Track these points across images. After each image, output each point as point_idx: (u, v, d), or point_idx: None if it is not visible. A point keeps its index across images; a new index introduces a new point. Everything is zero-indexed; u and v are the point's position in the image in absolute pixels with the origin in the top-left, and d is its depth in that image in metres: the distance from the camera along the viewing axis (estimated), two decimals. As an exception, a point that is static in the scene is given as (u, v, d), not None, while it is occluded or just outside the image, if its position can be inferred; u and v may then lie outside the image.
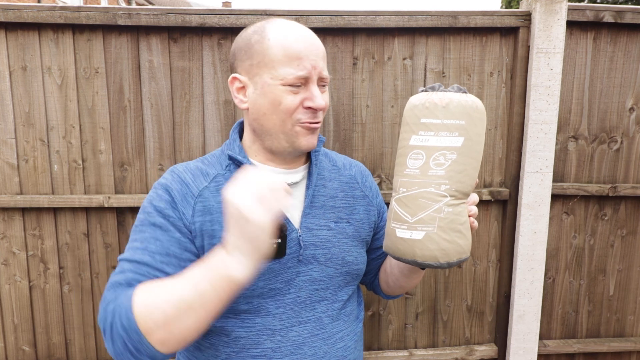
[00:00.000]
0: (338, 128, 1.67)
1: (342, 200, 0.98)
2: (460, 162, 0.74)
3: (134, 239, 0.84)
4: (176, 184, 0.87)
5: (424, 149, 0.74)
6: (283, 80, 0.83)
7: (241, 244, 0.69)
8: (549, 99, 1.63)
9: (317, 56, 0.85)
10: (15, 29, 1.54)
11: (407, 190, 0.75)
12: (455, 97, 0.73)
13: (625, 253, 1.83)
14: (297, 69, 0.82)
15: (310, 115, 0.86)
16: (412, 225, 0.75)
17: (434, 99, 0.73)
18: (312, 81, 0.84)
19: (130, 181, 1.65)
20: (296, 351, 0.88)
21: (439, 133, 0.73)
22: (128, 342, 0.70)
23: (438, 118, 0.73)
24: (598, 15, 1.63)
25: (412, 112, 0.76)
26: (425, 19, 1.59)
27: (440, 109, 0.73)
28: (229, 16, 1.55)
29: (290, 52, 0.82)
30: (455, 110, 0.72)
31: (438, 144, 0.73)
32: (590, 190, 1.74)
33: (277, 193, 0.70)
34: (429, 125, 0.73)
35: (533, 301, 1.75)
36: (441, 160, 0.73)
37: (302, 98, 0.84)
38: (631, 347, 1.86)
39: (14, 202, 1.61)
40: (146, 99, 1.61)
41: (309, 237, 0.91)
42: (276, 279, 0.88)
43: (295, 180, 0.93)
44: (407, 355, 1.80)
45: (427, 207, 0.74)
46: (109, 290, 0.78)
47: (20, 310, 1.70)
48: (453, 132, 0.72)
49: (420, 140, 0.74)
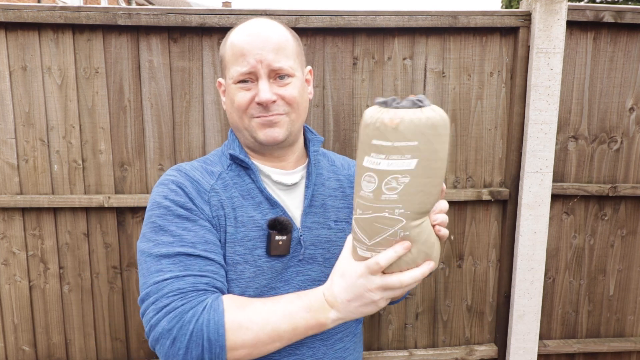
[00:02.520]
0: (338, 128, 1.67)
1: (341, 200, 0.98)
2: (414, 185, 0.69)
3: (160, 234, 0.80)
4: (186, 182, 0.86)
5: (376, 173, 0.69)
6: (233, 78, 0.86)
7: (350, 309, 0.75)
8: (549, 99, 1.63)
9: (264, 49, 0.83)
10: (15, 29, 1.54)
11: (363, 212, 0.71)
12: (406, 117, 0.67)
13: (625, 253, 1.83)
14: (241, 65, 0.84)
15: (261, 110, 0.86)
16: (370, 247, 0.73)
17: (384, 119, 0.67)
18: (259, 76, 0.85)
19: (130, 181, 1.65)
20: (295, 352, 0.87)
21: (390, 157, 0.68)
22: (207, 353, 0.72)
23: (388, 140, 0.67)
24: (598, 15, 1.63)
25: (364, 130, 0.70)
26: (425, 19, 1.59)
27: (390, 130, 0.67)
28: (229, 16, 1.55)
29: (235, 50, 0.84)
30: (407, 131, 0.67)
31: (389, 167, 0.68)
32: (590, 190, 1.74)
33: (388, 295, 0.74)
34: (380, 148, 0.68)
35: (533, 301, 1.75)
36: (393, 184, 0.69)
37: (253, 94, 0.86)
38: (631, 347, 1.86)
39: (14, 202, 1.61)
40: (146, 99, 1.61)
41: (309, 237, 0.91)
42: (278, 279, 0.88)
43: (294, 181, 0.94)
44: (407, 355, 1.80)
45: (382, 231, 0.71)
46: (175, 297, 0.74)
47: (20, 310, 1.70)
48: (405, 155, 0.67)
49: (372, 163, 0.69)
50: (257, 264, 0.85)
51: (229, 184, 0.89)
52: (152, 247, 0.79)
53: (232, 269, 0.84)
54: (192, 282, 0.76)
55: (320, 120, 1.66)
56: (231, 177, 0.90)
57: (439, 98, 1.67)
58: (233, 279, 0.84)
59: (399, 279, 0.72)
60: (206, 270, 0.78)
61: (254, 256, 0.85)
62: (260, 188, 0.89)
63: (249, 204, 0.88)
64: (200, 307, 0.74)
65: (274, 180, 0.92)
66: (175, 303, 0.74)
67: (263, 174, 0.93)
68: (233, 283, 0.84)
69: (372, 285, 0.72)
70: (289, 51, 0.87)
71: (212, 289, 0.78)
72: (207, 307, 0.74)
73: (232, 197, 0.87)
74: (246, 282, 0.85)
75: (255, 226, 0.87)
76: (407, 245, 0.70)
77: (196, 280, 0.76)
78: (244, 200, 0.88)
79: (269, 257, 0.86)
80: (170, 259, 0.77)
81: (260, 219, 0.87)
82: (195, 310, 0.73)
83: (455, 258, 1.79)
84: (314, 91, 1.63)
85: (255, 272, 0.85)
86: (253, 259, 0.85)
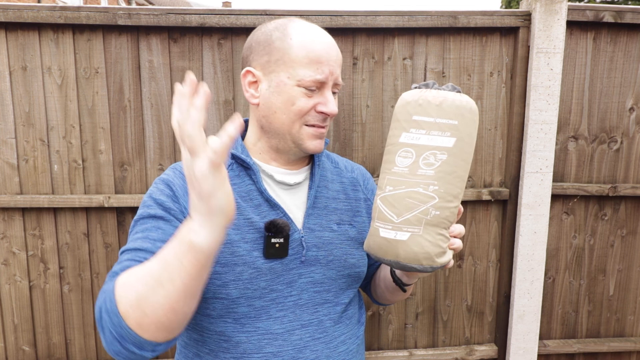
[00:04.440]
0: (338, 128, 1.67)
1: (344, 202, 0.97)
2: (450, 163, 0.71)
3: (135, 231, 0.82)
4: (178, 179, 0.86)
5: (414, 147, 0.71)
6: (300, 81, 0.83)
7: (196, 203, 0.62)
8: (549, 99, 1.63)
9: (336, 63, 0.86)
10: (15, 29, 1.54)
11: (394, 188, 0.72)
12: (449, 96, 0.71)
13: (625, 253, 1.83)
14: (315, 72, 0.83)
15: (321, 119, 0.87)
16: (397, 225, 0.73)
17: (428, 97, 0.71)
18: (327, 86, 0.85)
19: (130, 181, 1.65)
20: (298, 355, 0.87)
21: (431, 132, 0.70)
22: (112, 328, 0.66)
23: (431, 116, 0.70)
24: (598, 15, 1.63)
25: (404, 108, 0.73)
26: (425, 19, 1.59)
27: (434, 107, 0.70)
28: (229, 16, 1.55)
29: (311, 54, 0.83)
30: (449, 109, 0.70)
31: (429, 143, 0.71)
32: (590, 190, 1.74)
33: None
34: (420, 123, 0.71)
35: (533, 301, 1.75)
36: (431, 160, 0.71)
37: (315, 102, 0.85)
38: (631, 347, 1.86)
39: (14, 202, 1.61)
40: (146, 99, 1.61)
41: (311, 239, 0.90)
42: (278, 280, 0.87)
43: (297, 181, 0.93)
44: (407, 355, 1.80)
45: (414, 207, 0.71)
46: (106, 283, 0.74)
47: (20, 310, 1.70)
48: (445, 132, 0.70)
49: (411, 138, 0.71)
50: (255, 266, 0.85)
51: None
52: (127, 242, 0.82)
53: (230, 269, 0.84)
54: (126, 266, 0.74)
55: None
56: (230, 177, 0.88)
57: (439, 98, 1.67)
58: (231, 280, 0.84)
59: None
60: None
61: (252, 258, 0.85)
62: (260, 189, 0.88)
63: (247, 206, 0.87)
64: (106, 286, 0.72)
65: (277, 180, 0.91)
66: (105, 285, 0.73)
67: (265, 173, 0.92)
68: (232, 284, 0.84)
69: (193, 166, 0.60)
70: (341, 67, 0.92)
71: None
72: (109, 283, 0.71)
73: None
74: (244, 283, 0.84)
75: (253, 228, 0.86)
76: None
77: (131, 264, 0.74)
78: (243, 202, 0.87)
79: (266, 259, 0.86)
80: (129, 252, 0.78)
81: (258, 221, 0.86)
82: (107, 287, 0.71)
83: (455, 258, 1.79)
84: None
85: (254, 274, 0.85)
86: (251, 261, 0.85)
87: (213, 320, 0.87)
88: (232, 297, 0.84)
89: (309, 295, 0.89)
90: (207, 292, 0.85)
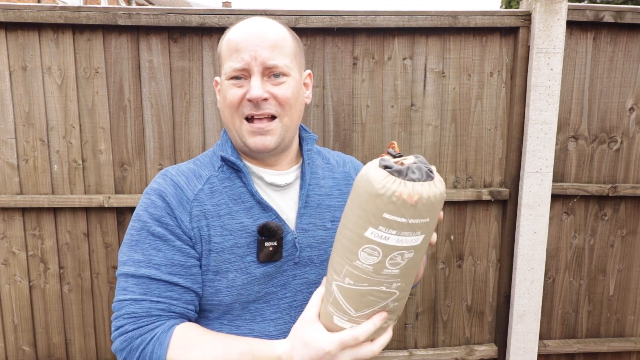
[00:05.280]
0: (338, 128, 1.67)
1: (338, 198, 0.96)
2: (415, 259, 0.67)
3: (134, 250, 0.82)
4: (170, 187, 0.85)
5: (382, 247, 0.64)
6: (226, 74, 0.83)
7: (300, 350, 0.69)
8: (549, 99, 1.63)
9: (259, 46, 0.81)
10: (15, 29, 1.54)
11: (355, 283, 0.67)
12: (424, 193, 0.62)
13: (625, 253, 1.83)
14: (234, 61, 0.82)
15: (252, 107, 0.83)
16: (353, 318, 0.69)
17: (403, 195, 0.61)
18: (253, 72, 0.82)
19: (130, 181, 1.65)
20: None
21: (402, 233, 0.64)
22: None
23: (404, 217, 0.62)
24: (598, 15, 1.63)
25: (372, 200, 0.63)
26: (425, 19, 1.59)
27: (409, 207, 0.62)
28: (229, 16, 1.55)
29: (230, 45, 0.83)
30: (423, 208, 0.63)
31: (399, 244, 0.64)
32: (590, 190, 1.74)
33: None
34: (392, 223, 0.63)
35: (533, 301, 1.75)
36: (398, 260, 0.65)
37: (245, 91, 0.83)
38: (631, 347, 1.86)
39: (14, 202, 1.61)
40: (146, 99, 1.61)
41: (305, 239, 0.89)
42: (272, 283, 0.86)
43: (288, 181, 0.91)
44: (407, 355, 1.80)
45: (375, 304, 0.68)
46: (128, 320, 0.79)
47: (20, 310, 1.70)
48: (416, 232, 0.64)
49: (379, 237, 0.64)
50: (249, 271, 0.84)
51: (217, 189, 0.86)
52: (124, 263, 0.82)
53: (223, 277, 0.83)
54: (147, 308, 0.79)
55: (320, 120, 1.66)
56: (221, 180, 0.87)
57: (439, 98, 1.67)
58: (224, 287, 0.83)
59: (371, 349, 0.68)
60: (165, 296, 0.80)
61: (245, 263, 0.84)
62: (251, 192, 0.86)
63: (239, 209, 0.86)
64: (148, 337, 0.76)
65: (267, 182, 0.90)
66: (127, 326, 0.78)
67: (255, 175, 0.90)
68: (224, 291, 0.83)
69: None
70: (286, 50, 0.84)
71: (167, 314, 0.80)
72: (154, 338, 0.76)
73: (219, 203, 0.85)
74: (237, 289, 0.84)
75: (246, 232, 0.85)
76: (384, 317, 0.67)
77: (151, 305, 0.79)
78: (234, 206, 0.86)
79: (260, 263, 0.85)
80: (135, 279, 0.80)
81: (251, 224, 0.85)
82: (143, 339, 0.76)
83: (455, 258, 1.79)
84: (314, 92, 1.64)
85: (247, 279, 0.84)
86: (244, 266, 0.84)
87: (210, 322, 0.87)
88: (225, 302, 0.84)
89: (303, 296, 0.89)
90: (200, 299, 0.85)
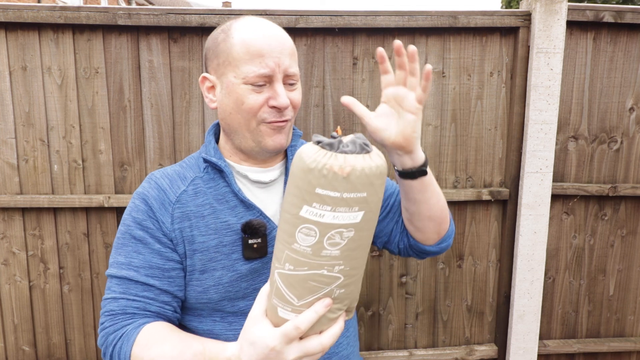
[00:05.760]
0: (338, 128, 1.67)
1: None
2: (356, 239, 0.63)
3: (118, 252, 0.86)
4: (153, 190, 0.87)
5: (318, 226, 0.61)
6: (245, 78, 0.81)
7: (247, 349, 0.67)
8: (549, 99, 1.63)
9: (282, 53, 0.82)
10: (15, 29, 1.54)
11: (295, 268, 0.63)
12: (358, 165, 0.60)
13: (625, 253, 1.83)
14: (259, 67, 0.80)
15: (276, 114, 0.83)
16: (297, 308, 0.65)
17: (334, 167, 0.59)
18: (276, 79, 0.82)
19: (130, 181, 1.65)
20: None
21: (337, 209, 0.60)
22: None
23: (337, 191, 0.59)
24: (598, 15, 1.63)
25: (304, 175, 0.61)
26: (425, 19, 1.59)
27: (341, 180, 0.59)
28: (229, 16, 1.54)
29: (252, 49, 0.81)
30: (357, 181, 0.60)
31: (335, 221, 0.61)
32: (590, 190, 1.74)
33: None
34: (325, 199, 0.60)
35: (533, 301, 1.75)
36: (337, 239, 0.62)
37: (266, 97, 0.82)
38: (631, 347, 1.86)
39: (14, 202, 1.61)
40: (146, 99, 1.61)
41: None
42: (259, 279, 0.87)
43: (272, 178, 0.92)
44: (407, 355, 1.80)
45: (318, 290, 0.64)
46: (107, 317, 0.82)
47: (20, 310, 1.70)
48: (353, 208, 0.61)
49: (314, 215, 0.61)
50: (235, 268, 0.85)
51: (201, 190, 0.87)
52: (111, 265, 0.86)
53: (210, 275, 0.84)
54: (124, 306, 0.82)
55: (320, 120, 1.66)
56: (206, 181, 0.88)
57: (439, 98, 1.67)
58: (211, 285, 0.84)
59: (319, 342, 0.65)
60: (142, 295, 0.83)
61: (231, 261, 0.85)
62: (234, 191, 0.87)
63: (223, 209, 0.86)
64: (120, 333, 0.80)
65: (252, 180, 0.90)
66: (106, 323, 0.82)
67: (239, 174, 0.90)
68: (212, 289, 0.85)
69: (289, 356, 0.64)
70: (295, 56, 0.86)
71: (142, 312, 0.82)
72: (124, 334, 0.79)
73: (203, 204, 0.86)
74: (225, 287, 0.85)
75: (230, 231, 0.86)
76: (328, 303, 0.64)
77: (128, 303, 0.82)
78: (219, 205, 0.86)
79: (246, 260, 0.86)
80: (117, 279, 0.84)
81: (235, 222, 0.86)
82: (116, 335, 0.80)
83: (455, 258, 1.79)
84: (314, 92, 1.64)
85: (234, 276, 0.85)
86: (230, 264, 0.85)
87: (203, 320, 0.88)
88: (214, 300, 0.86)
89: None
90: (189, 298, 0.86)
